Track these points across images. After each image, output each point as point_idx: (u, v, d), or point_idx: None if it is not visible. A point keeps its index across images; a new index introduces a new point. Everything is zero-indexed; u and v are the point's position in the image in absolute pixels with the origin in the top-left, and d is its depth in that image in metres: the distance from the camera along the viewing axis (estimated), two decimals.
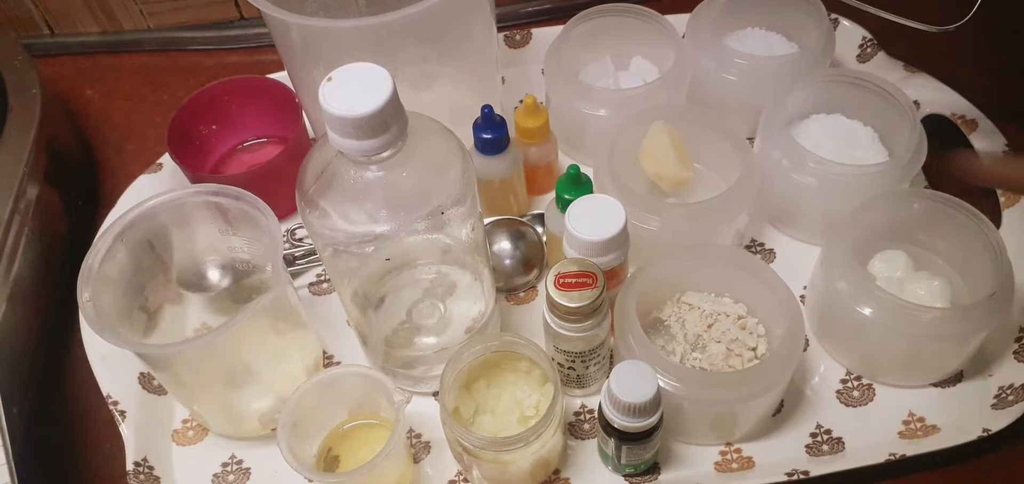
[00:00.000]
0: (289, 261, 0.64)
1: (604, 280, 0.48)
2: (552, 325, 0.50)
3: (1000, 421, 0.51)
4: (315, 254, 0.64)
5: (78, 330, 0.59)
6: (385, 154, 0.41)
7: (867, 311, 0.52)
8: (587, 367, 0.53)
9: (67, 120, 0.75)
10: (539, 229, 0.64)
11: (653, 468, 0.53)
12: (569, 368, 0.53)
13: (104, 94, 0.80)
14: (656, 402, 0.47)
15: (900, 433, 0.54)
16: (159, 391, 0.57)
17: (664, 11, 0.70)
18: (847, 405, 0.56)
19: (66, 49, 0.83)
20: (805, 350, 0.58)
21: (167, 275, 0.56)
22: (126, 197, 0.66)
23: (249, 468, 0.55)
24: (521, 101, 0.64)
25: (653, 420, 0.47)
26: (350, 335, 0.59)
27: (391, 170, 0.43)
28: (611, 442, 0.49)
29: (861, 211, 0.56)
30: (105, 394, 0.55)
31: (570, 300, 0.48)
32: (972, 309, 0.51)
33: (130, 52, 0.83)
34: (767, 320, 0.55)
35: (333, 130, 0.40)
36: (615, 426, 0.48)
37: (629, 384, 0.46)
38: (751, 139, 0.66)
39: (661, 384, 0.48)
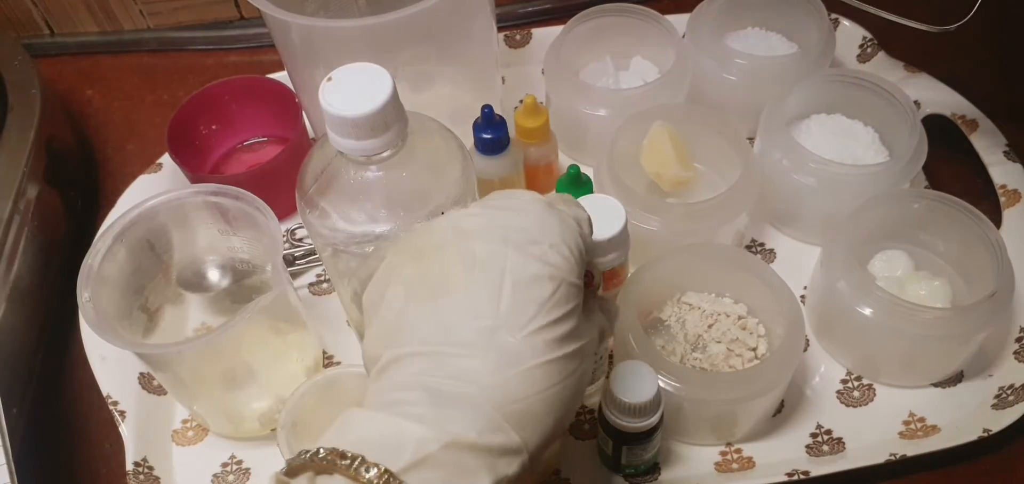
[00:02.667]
0: (289, 261, 0.64)
1: (601, 279, 0.48)
2: None
3: (1000, 421, 0.51)
4: (315, 254, 0.64)
5: (78, 330, 0.59)
6: (385, 154, 0.41)
7: (867, 311, 0.52)
8: None
9: (67, 120, 0.75)
10: None
11: (653, 468, 0.53)
12: None
13: (104, 94, 0.80)
14: (656, 402, 0.47)
15: (900, 433, 0.54)
16: (159, 391, 0.57)
17: (664, 11, 0.70)
18: (847, 405, 0.55)
19: (66, 49, 0.83)
20: (805, 350, 0.58)
21: (167, 275, 0.56)
22: (126, 197, 0.66)
23: (249, 468, 0.55)
24: (521, 101, 0.64)
25: (653, 420, 0.47)
26: (350, 335, 0.59)
27: (391, 170, 0.43)
28: (611, 442, 0.49)
29: (861, 211, 0.56)
30: (105, 394, 0.55)
31: None
32: (972, 309, 0.51)
33: (130, 52, 0.83)
34: (767, 320, 0.55)
35: (333, 130, 0.40)
36: (615, 426, 0.47)
37: (629, 384, 0.46)
38: (751, 139, 0.66)
39: (661, 384, 0.48)
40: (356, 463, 0.29)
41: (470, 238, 0.34)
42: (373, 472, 0.29)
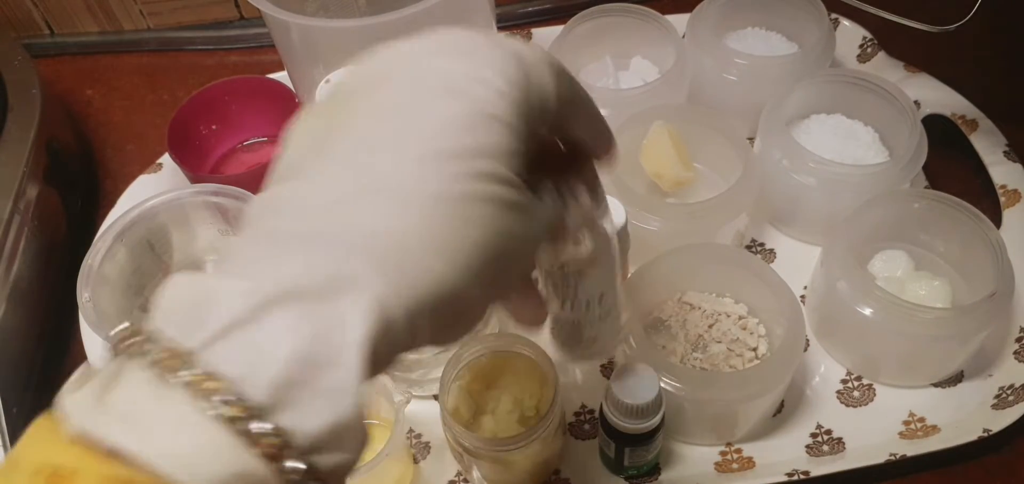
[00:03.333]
0: None
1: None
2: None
3: (1001, 421, 0.51)
4: None
5: (78, 330, 0.58)
6: None
7: (867, 311, 0.52)
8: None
9: (67, 120, 0.75)
10: None
11: (654, 469, 0.53)
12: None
13: (104, 94, 0.80)
14: (658, 403, 0.47)
15: (900, 433, 0.54)
16: None
17: (664, 11, 0.70)
18: (847, 405, 0.55)
19: (66, 49, 0.83)
20: (805, 350, 0.58)
21: (167, 275, 0.56)
22: (126, 197, 0.66)
23: None
24: None
25: (655, 421, 0.47)
26: None
27: None
28: (614, 446, 0.49)
29: (861, 211, 0.56)
30: None
31: None
32: (972, 309, 0.51)
33: (130, 52, 0.83)
34: (768, 320, 0.55)
35: None
36: (617, 428, 0.47)
37: (631, 386, 0.46)
38: (751, 139, 0.66)
39: (662, 384, 0.48)
40: (143, 341, 0.22)
41: (380, 79, 0.27)
42: (159, 353, 0.22)
